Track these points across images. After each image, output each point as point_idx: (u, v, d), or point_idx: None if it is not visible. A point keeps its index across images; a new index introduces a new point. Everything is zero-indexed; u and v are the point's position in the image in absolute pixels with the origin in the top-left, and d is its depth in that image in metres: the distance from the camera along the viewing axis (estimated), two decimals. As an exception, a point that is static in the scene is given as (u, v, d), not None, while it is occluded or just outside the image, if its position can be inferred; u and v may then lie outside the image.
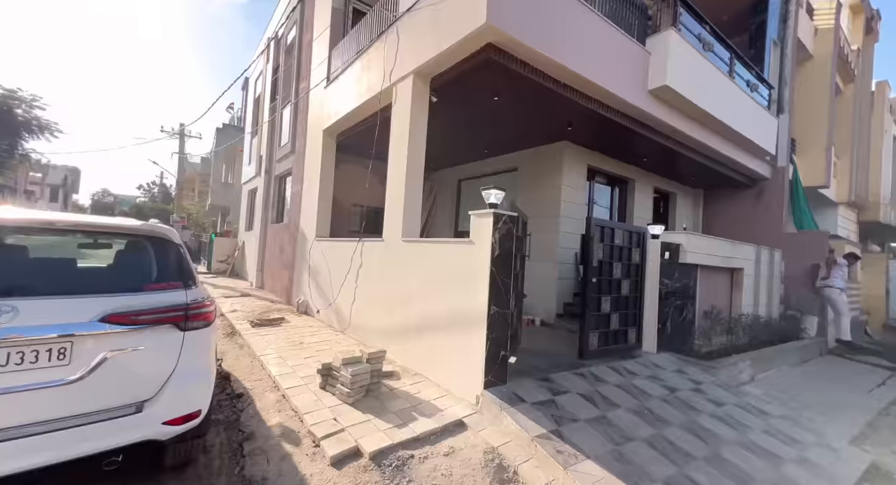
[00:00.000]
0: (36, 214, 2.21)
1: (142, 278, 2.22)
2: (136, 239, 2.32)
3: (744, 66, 6.96)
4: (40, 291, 1.89)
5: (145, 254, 2.30)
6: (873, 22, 13.36)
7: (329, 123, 6.83)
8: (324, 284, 6.39)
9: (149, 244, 2.32)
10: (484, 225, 3.37)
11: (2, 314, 1.71)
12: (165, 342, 2.16)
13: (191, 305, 2.27)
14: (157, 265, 2.29)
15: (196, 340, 2.28)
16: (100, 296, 2.00)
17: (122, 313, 1.99)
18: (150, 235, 2.31)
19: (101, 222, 2.26)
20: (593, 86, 4.72)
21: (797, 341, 7.06)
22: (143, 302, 2.10)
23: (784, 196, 8.64)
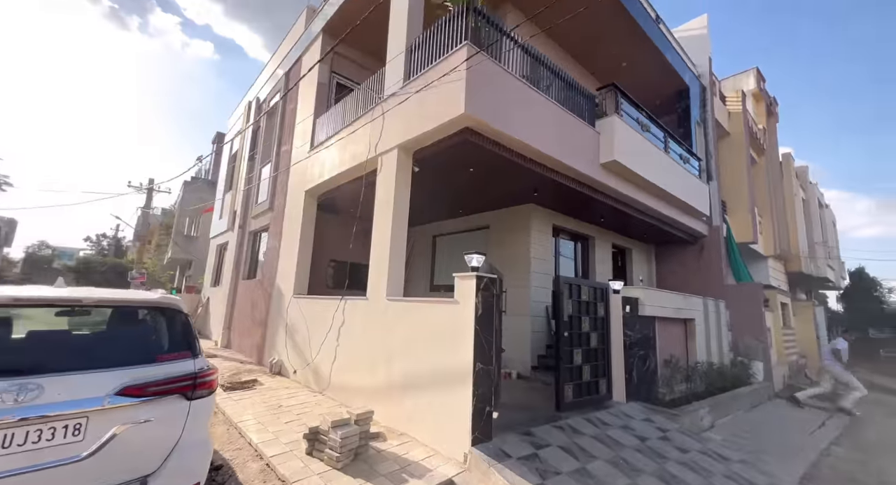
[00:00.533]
0: (66, 292, 2.32)
1: (155, 349, 2.32)
2: (149, 310, 2.44)
3: (676, 143, 8.22)
4: (62, 366, 1.96)
5: (158, 324, 2.42)
6: (772, 107, 16.15)
7: (312, 185, 7.19)
8: (301, 342, 6.33)
9: (160, 315, 2.44)
10: (468, 286, 3.71)
11: (28, 392, 1.77)
12: (173, 412, 2.22)
13: (198, 373, 2.37)
14: (169, 335, 2.40)
15: (200, 408, 2.36)
16: (116, 369, 2.09)
17: (136, 386, 2.07)
18: (163, 307, 2.44)
19: (121, 297, 2.38)
20: (553, 160, 5.47)
21: (748, 387, 7.64)
22: (156, 373, 2.19)
23: (721, 251, 9.75)
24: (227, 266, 10.98)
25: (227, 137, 14.43)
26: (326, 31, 8.13)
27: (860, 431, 7.13)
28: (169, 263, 22.92)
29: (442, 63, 4.55)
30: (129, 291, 2.63)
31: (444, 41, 4.78)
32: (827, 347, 10.27)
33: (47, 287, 2.53)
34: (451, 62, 4.41)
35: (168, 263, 23.48)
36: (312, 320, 6.19)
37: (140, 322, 2.44)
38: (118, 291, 2.51)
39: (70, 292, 2.31)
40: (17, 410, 1.73)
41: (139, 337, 2.40)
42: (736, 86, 14.61)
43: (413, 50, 5.35)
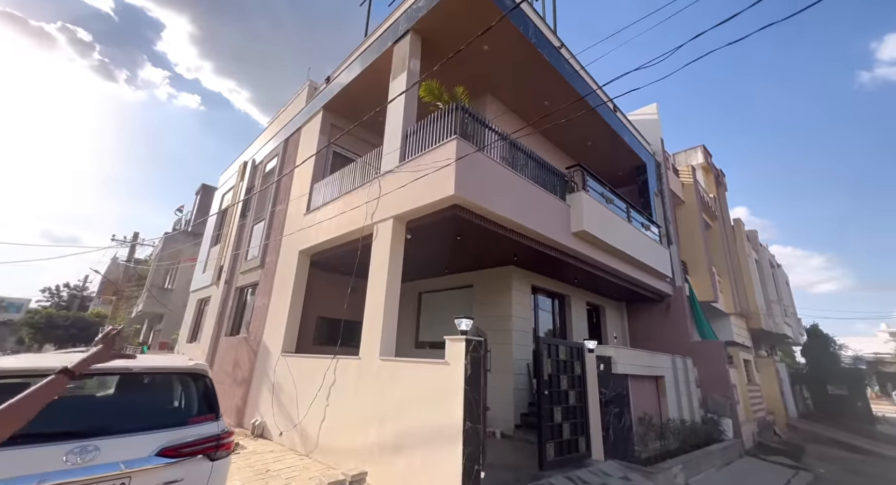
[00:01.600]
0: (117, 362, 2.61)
1: (187, 412, 2.60)
2: (183, 376, 2.74)
3: (637, 213, 9.27)
4: (113, 429, 2.23)
5: (189, 389, 2.71)
6: (720, 178, 18.22)
7: (307, 245, 7.64)
8: (288, 402, 6.35)
9: (191, 380, 2.74)
10: (457, 349, 4.12)
11: (88, 453, 2.04)
12: (199, 472, 2.46)
13: (221, 435, 2.64)
14: (197, 399, 2.69)
15: (221, 468, 2.59)
16: (156, 431, 2.36)
17: (172, 447, 2.34)
18: (195, 373, 2.75)
19: (163, 365, 2.68)
20: (530, 230, 6.19)
21: (719, 444, 7.96)
22: (188, 435, 2.46)
23: (686, 310, 10.53)
24: (208, 321, 10.87)
25: (218, 194, 14.89)
26: (327, 108, 9.11)
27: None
28: (138, 316, 21.97)
29: (435, 151, 5.34)
30: (167, 358, 2.92)
31: (436, 130, 5.64)
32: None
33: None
34: (443, 151, 5.20)
35: (136, 317, 22.48)
36: (301, 379, 6.29)
37: (178, 387, 2.71)
38: (156, 357, 2.79)
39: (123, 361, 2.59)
40: (81, 470, 1.98)
41: (177, 401, 2.67)
42: (687, 160, 16.55)
43: (408, 135, 6.19)
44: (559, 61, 7.84)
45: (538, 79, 7.96)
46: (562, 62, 7.93)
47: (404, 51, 6.81)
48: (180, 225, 29.20)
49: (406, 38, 6.86)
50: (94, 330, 20.44)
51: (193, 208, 29.73)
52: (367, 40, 8.39)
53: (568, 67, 8.12)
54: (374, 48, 7.67)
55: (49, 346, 22.21)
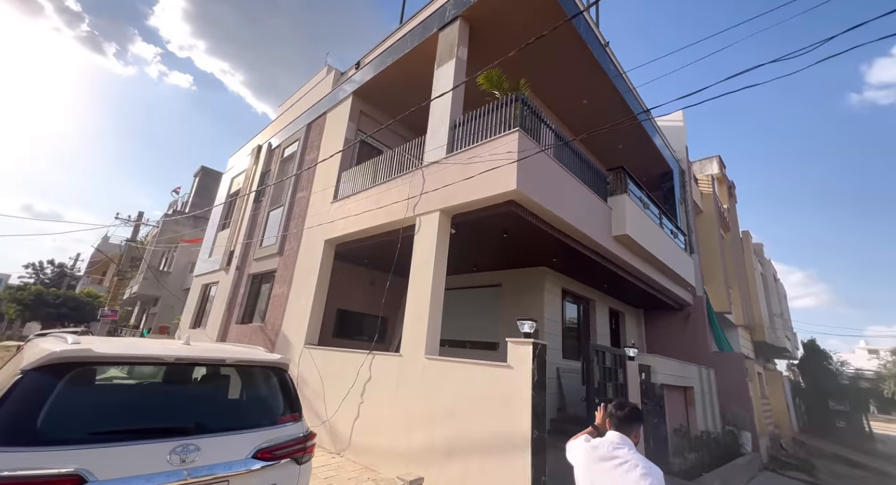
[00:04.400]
0: (213, 350, 2.35)
1: (276, 411, 2.32)
2: (266, 370, 2.45)
3: (668, 219, 9.12)
4: (210, 427, 1.95)
5: (272, 385, 2.42)
6: (732, 189, 18.24)
7: (334, 235, 7.32)
8: (314, 397, 6.06)
9: (274, 375, 2.46)
10: (524, 352, 3.89)
11: (190, 453, 1.76)
12: (289, 477, 2.19)
13: (307, 437, 2.37)
14: (283, 396, 2.41)
15: (306, 474, 2.33)
16: (250, 431, 2.08)
17: (267, 449, 2.07)
18: (278, 366, 2.47)
19: (252, 358, 2.39)
20: (577, 231, 5.97)
21: (742, 458, 7.87)
22: (280, 435, 2.19)
23: (706, 319, 10.44)
24: (215, 307, 10.48)
25: (226, 177, 14.42)
26: (357, 94, 8.77)
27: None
28: (131, 298, 21.34)
29: (493, 141, 5.08)
30: (253, 350, 2.62)
31: (491, 122, 5.38)
32: None
33: (178, 343, 2.48)
34: (503, 142, 4.94)
35: (128, 299, 21.84)
36: (329, 374, 6.01)
37: (264, 382, 2.43)
38: (242, 349, 2.51)
39: (215, 351, 2.33)
40: (187, 470, 1.71)
41: (265, 398, 2.39)
42: (702, 170, 16.52)
43: (457, 126, 5.91)
44: (605, 60, 7.63)
45: (582, 76, 7.75)
46: (607, 61, 7.72)
47: (452, 37, 6.52)
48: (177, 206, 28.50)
49: (454, 24, 6.57)
50: (86, 309, 19.76)
51: (191, 190, 29.05)
52: (405, 26, 8.06)
53: (612, 68, 7.92)
54: (416, 34, 7.36)
55: (33, 324, 21.43)
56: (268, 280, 9.26)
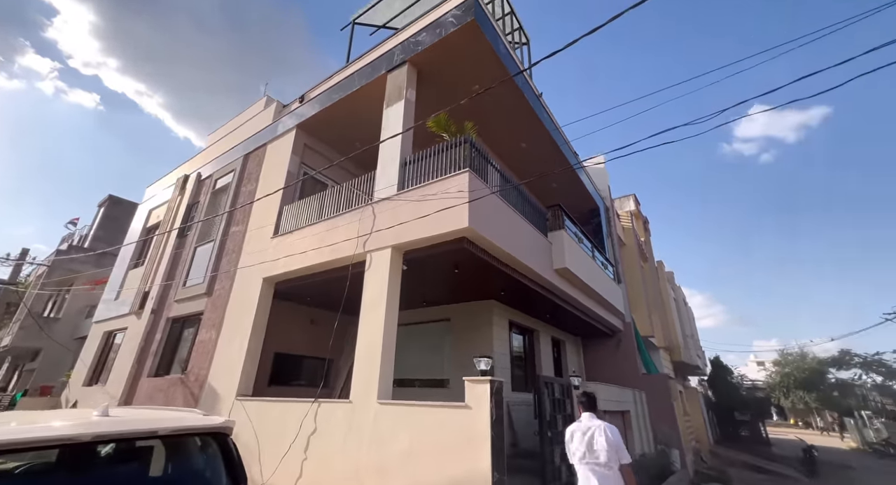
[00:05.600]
0: (142, 420, 1.98)
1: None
2: (204, 438, 2.14)
3: (599, 253, 9.96)
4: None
5: (211, 454, 2.13)
6: (647, 224, 20.55)
7: (275, 273, 6.87)
8: (248, 456, 5.36)
9: (214, 442, 2.16)
10: (481, 391, 3.88)
11: None
12: None
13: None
14: (225, 467, 2.11)
15: None
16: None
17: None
18: (218, 432, 2.18)
19: (181, 425, 2.06)
20: (523, 265, 6.27)
21: (674, 476, 8.38)
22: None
23: (634, 344, 11.31)
24: (121, 359, 9.04)
25: (143, 209, 12.96)
26: (301, 127, 8.62)
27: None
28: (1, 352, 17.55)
29: (445, 180, 5.25)
30: (189, 415, 2.27)
31: (441, 161, 5.59)
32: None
33: (77, 412, 2.05)
34: (454, 182, 5.14)
35: None
36: (266, 428, 5.41)
37: (199, 453, 2.11)
38: (176, 414, 2.15)
39: (143, 422, 1.96)
40: None
41: (200, 472, 2.07)
42: (621, 207, 18.49)
43: (407, 164, 6.05)
44: (539, 108, 8.43)
45: (519, 122, 8.44)
46: (541, 109, 8.54)
47: (400, 80, 6.79)
48: (73, 241, 24.73)
49: (402, 67, 6.87)
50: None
51: (94, 222, 25.50)
52: (352, 64, 8.24)
53: (546, 117, 8.76)
54: (364, 74, 7.55)
55: None
56: (192, 324, 8.27)
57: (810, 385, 22.90)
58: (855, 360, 21.22)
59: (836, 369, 22.36)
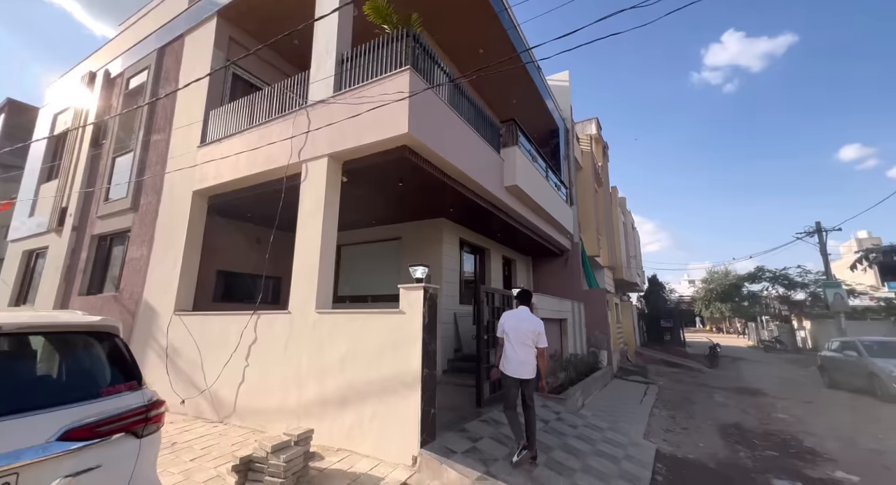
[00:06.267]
0: (13, 317, 1.76)
1: (100, 382, 1.93)
2: (83, 336, 1.99)
3: (553, 173, 9.93)
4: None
5: (95, 352, 2.00)
6: (606, 150, 20.61)
7: (205, 185, 6.29)
8: (189, 367, 5.43)
9: (97, 341, 2.03)
10: (415, 297, 3.93)
11: None
12: (123, 454, 1.90)
13: (150, 405, 2.07)
14: (110, 364, 2.02)
15: (150, 446, 2.06)
16: (56, 409, 1.70)
17: (82, 427, 1.72)
18: (100, 330, 2.03)
19: (54, 322, 1.89)
20: (472, 181, 6.10)
21: (599, 371, 9.61)
22: (105, 409, 1.85)
23: (580, 262, 12.03)
24: (47, 278, 8.45)
25: (46, 113, 11.08)
26: (223, 16, 7.27)
27: (663, 394, 9.71)
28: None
29: (383, 81, 4.71)
30: (62, 313, 2.07)
31: (381, 59, 4.95)
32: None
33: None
34: (394, 82, 4.61)
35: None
36: (207, 341, 5.40)
37: (78, 350, 1.97)
38: (47, 313, 1.96)
39: (14, 318, 1.77)
40: None
41: (87, 370, 1.94)
42: (583, 130, 18.22)
43: (344, 61, 5.33)
44: (501, 8, 7.53)
45: (477, 23, 7.56)
46: (503, 10, 7.64)
47: (336, -45, 5.66)
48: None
49: (338, -62, 5.68)
50: None
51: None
52: (279, -68, 6.73)
53: (506, 18, 7.88)
54: (293, -56, 6.22)
55: None
56: (120, 241, 7.70)
57: (728, 297, 26.27)
58: (766, 275, 24.20)
59: (749, 283, 25.52)
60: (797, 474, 4.76)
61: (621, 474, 4.16)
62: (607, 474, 4.06)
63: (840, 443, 6.01)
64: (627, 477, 4.11)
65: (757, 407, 8.60)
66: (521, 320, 4.06)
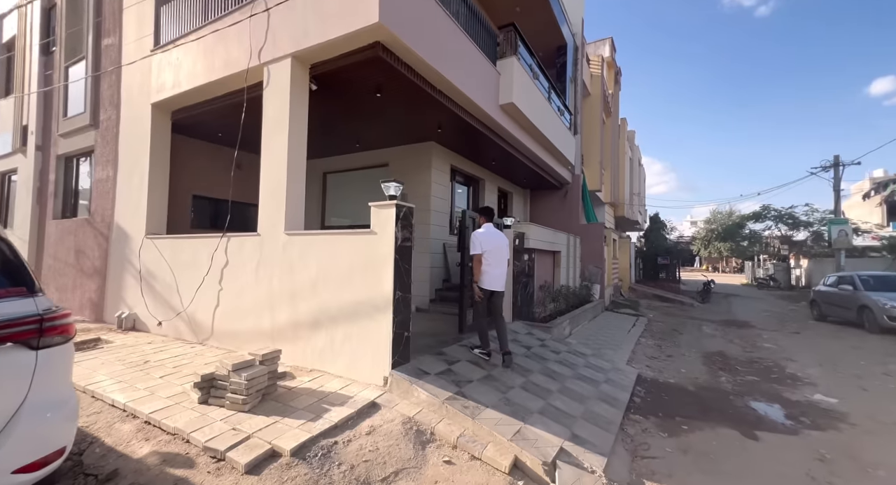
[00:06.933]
0: None
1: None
2: None
3: (556, 95, 9.00)
4: None
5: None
6: (619, 76, 18.87)
7: (161, 97, 5.63)
8: (166, 290, 5.29)
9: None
10: (386, 215, 3.57)
11: None
12: (11, 366, 1.66)
13: (45, 315, 1.80)
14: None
15: (55, 359, 1.83)
16: None
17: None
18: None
19: None
20: (462, 95, 5.40)
21: (590, 303, 9.63)
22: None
23: (579, 196, 11.52)
24: (21, 201, 8.11)
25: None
26: None
27: (652, 326, 9.86)
28: None
29: (349, -45, 3.84)
30: None
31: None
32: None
33: None
34: (361, -44, 3.76)
35: None
36: (180, 264, 5.18)
37: None
38: None
39: None
40: None
41: None
42: (595, 51, 16.46)
43: (305, -68, 4.35)
44: None
45: None
46: None
47: None
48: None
49: None
50: None
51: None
52: None
53: None
54: None
55: None
56: (88, 162, 7.20)
57: (728, 236, 26.05)
58: (771, 213, 23.66)
59: (753, 222, 25.11)
60: (776, 397, 4.79)
61: (600, 395, 4.15)
62: (585, 395, 4.04)
63: (821, 369, 6.07)
64: (606, 398, 4.10)
65: (743, 338, 8.72)
66: (498, 238, 4.36)
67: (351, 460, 2.53)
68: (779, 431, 3.82)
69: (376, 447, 2.69)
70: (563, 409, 3.57)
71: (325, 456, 2.52)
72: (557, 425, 3.21)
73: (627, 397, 4.34)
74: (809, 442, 3.57)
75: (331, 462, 2.47)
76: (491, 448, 2.82)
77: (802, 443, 3.56)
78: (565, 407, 3.62)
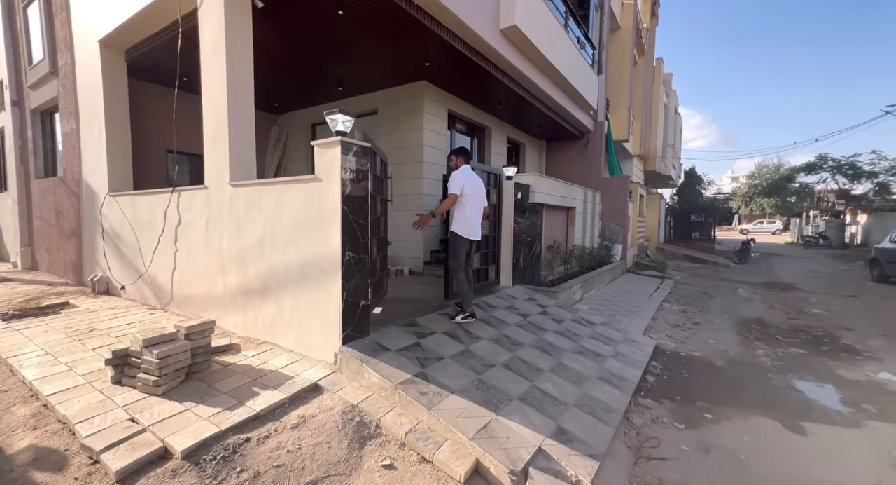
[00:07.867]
0: None
1: None
2: None
3: (576, 23, 7.60)
4: None
5: None
6: (656, 7, 16.39)
7: (105, 32, 4.91)
8: (129, 251, 4.89)
9: None
10: (331, 156, 2.83)
11: None
12: None
13: None
14: None
15: None
16: None
17: None
18: None
19: None
20: (448, 12, 4.38)
21: (609, 265, 8.74)
22: None
23: (602, 147, 10.25)
24: (9, 162, 7.87)
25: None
26: None
27: (679, 289, 8.93)
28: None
29: None
30: None
31: None
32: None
33: None
34: None
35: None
36: (140, 223, 4.72)
37: None
38: None
39: None
40: None
41: None
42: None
43: None
44: None
45: None
46: None
47: None
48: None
49: None
50: None
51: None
52: None
53: None
54: None
55: None
56: (57, 115, 6.73)
57: (773, 192, 23.65)
58: (828, 164, 21.04)
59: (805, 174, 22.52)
60: (829, 375, 3.97)
61: (603, 374, 3.47)
62: (585, 374, 3.37)
63: (887, 340, 5.12)
64: (610, 378, 3.42)
65: (786, 302, 7.70)
66: (477, 180, 3.92)
67: (259, 464, 2.00)
68: (834, 422, 3.06)
69: (298, 446, 2.15)
70: (552, 393, 2.92)
71: (227, 459, 2.00)
72: (540, 416, 2.57)
73: (638, 376, 3.65)
74: (876, 438, 2.80)
75: (230, 468, 1.95)
76: (447, 448, 2.23)
77: (867, 439, 2.80)
78: (556, 391, 2.97)
